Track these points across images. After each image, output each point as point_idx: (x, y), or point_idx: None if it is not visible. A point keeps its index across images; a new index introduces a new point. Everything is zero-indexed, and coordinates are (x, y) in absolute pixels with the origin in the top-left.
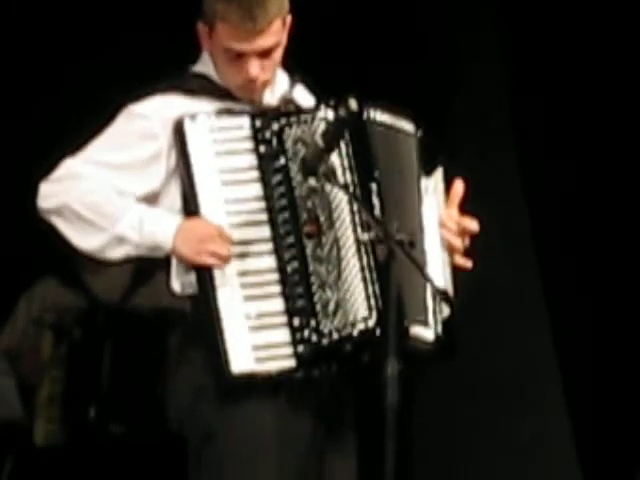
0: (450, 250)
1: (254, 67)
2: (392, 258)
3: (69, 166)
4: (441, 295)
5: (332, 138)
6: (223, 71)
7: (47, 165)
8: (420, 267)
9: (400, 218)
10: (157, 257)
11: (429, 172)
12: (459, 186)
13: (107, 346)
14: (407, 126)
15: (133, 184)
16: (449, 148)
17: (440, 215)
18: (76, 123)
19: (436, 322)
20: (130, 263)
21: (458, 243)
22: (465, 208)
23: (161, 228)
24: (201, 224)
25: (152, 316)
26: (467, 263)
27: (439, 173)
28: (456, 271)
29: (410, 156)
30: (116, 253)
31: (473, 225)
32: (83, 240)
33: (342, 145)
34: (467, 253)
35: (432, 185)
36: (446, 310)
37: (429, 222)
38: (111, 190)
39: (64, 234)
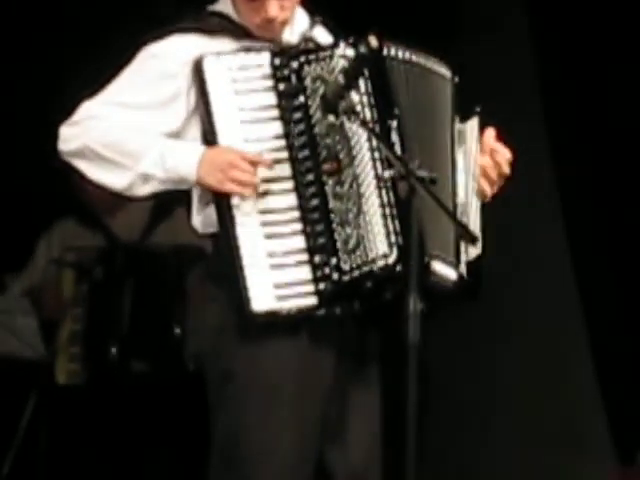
0: (482, 197)
1: (273, 7)
2: (413, 195)
3: (88, 108)
4: (465, 232)
5: (352, 75)
6: (242, 10)
7: (67, 107)
8: (441, 202)
9: (425, 156)
10: (184, 189)
11: (464, 119)
12: (491, 133)
13: (128, 285)
14: (441, 69)
15: (153, 124)
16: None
17: (475, 161)
18: (94, 63)
19: (459, 262)
20: (148, 201)
21: (489, 191)
22: None
23: (184, 161)
24: (223, 152)
25: (171, 254)
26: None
27: (475, 121)
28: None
29: (443, 98)
30: (144, 190)
31: (506, 155)
32: (109, 179)
33: (362, 82)
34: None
35: (467, 131)
36: (472, 252)
37: (462, 166)
38: (130, 128)
39: (88, 175)
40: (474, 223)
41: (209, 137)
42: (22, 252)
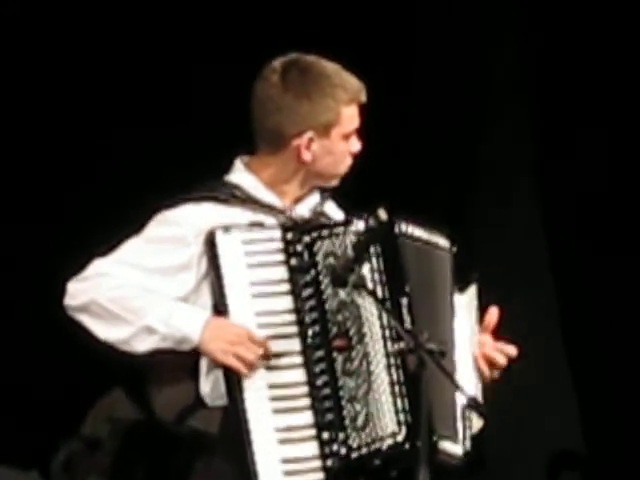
0: (481, 374)
1: (356, 138)
2: (423, 368)
3: (98, 265)
4: (473, 405)
5: (362, 248)
6: (337, 162)
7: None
8: (450, 375)
9: (432, 330)
10: (183, 350)
11: (462, 288)
12: (494, 313)
13: (142, 463)
14: (441, 241)
15: (161, 289)
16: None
17: (474, 334)
18: (106, 225)
19: (465, 438)
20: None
21: (488, 373)
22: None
23: (189, 321)
24: (230, 325)
25: (204, 437)
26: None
27: (473, 290)
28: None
29: (444, 271)
30: (143, 345)
31: (511, 350)
32: (109, 331)
33: (373, 259)
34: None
35: (465, 301)
36: (475, 424)
37: (461, 338)
38: (139, 286)
39: (90, 329)
40: (476, 393)
41: (220, 308)
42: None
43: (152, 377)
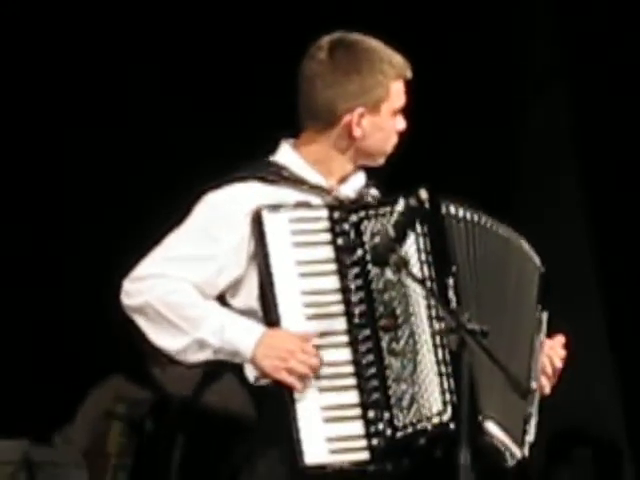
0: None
1: (402, 116)
2: (463, 347)
3: (151, 265)
4: (517, 386)
5: (402, 227)
6: (386, 139)
7: (129, 257)
8: (492, 355)
9: (484, 313)
10: (236, 362)
11: None
12: (560, 340)
13: (178, 440)
14: (522, 245)
15: (217, 275)
16: None
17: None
18: (156, 212)
19: (524, 443)
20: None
21: (548, 388)
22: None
23: (242, 337)
24: (283, 339)
25: (222, 418)
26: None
27: (544, 315)
28: None
29: (512, 265)
30: (196, 357)
31: (560, 353)
32: (165, 340)
33: (420, 239)
34: None
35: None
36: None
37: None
38: (194, 290)
39: (146, 332)
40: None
41: (266, 288)
42: (68, 409)
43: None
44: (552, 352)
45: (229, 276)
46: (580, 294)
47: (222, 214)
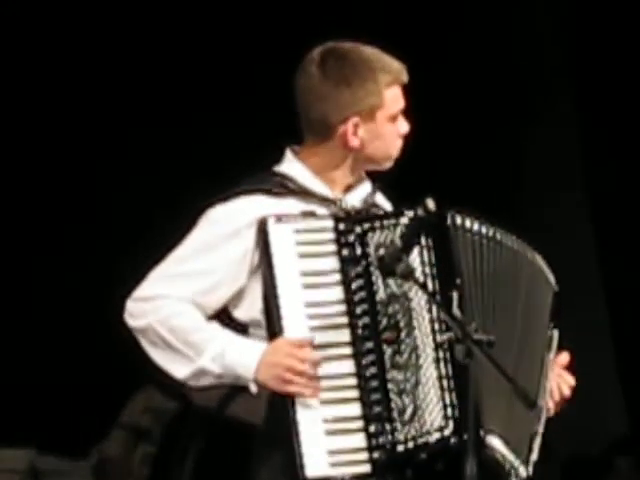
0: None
1: (404, 119)
2: (470, 358)
3: (156, 283)
4: (524, 396)
5: (409, 237)
6: (388, 145)
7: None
8: (499, 366)
9: (488, 325)
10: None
11: None
12: (565, 358)
13: (192, 450)
14: (533, 258)
15: (221, 287)
16: None
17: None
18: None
19: (528, 462)
20: None
21: (553, 410)
22: None
23: (242, 361)
24: (283, 352)
25: (246, 427)
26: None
27: (555, 333)
28: None
29: (522, 279)
30: (201, 382)
31: (570, 382)
32: (173, 368)
33: (424, 251)
34: None
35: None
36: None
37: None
38: (197, 311)
39: (152, 357)
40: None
41: (270, 299)
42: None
43: None
44: (561, 380)
45: (231, 289)
46: (585, 299)
47: (226, 228)
